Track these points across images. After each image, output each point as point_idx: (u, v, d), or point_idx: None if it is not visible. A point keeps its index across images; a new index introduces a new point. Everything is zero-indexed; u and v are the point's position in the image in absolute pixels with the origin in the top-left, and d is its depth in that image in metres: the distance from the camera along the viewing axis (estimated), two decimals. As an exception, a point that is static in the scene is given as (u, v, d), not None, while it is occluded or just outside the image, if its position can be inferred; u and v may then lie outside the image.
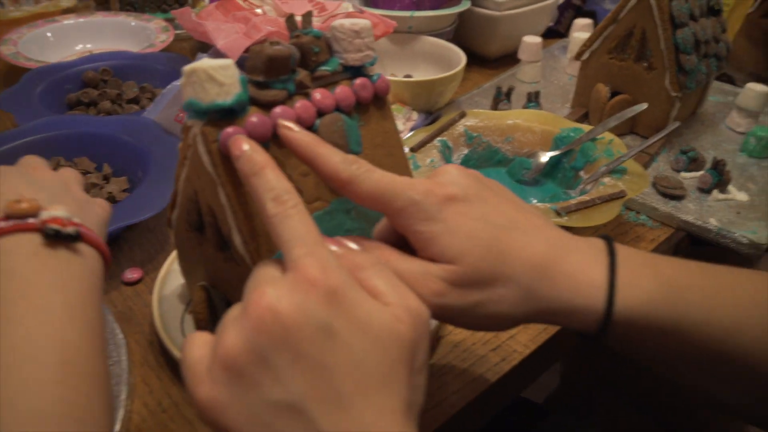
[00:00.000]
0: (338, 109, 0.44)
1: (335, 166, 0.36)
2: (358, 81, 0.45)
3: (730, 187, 0.72)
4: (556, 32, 1.20)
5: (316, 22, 0.80)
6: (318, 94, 0.42)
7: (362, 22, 0.45)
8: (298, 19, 0.45)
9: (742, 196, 0.71)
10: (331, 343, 0.28)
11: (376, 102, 0.47)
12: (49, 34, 1.02)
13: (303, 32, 0.44)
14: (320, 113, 0.43)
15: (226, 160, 0.38)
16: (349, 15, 0.80)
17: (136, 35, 1.04)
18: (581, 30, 1.02)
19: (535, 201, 0.69)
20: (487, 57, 1.06)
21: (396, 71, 0.92)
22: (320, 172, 0.36)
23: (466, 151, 0.72)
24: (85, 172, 0.65)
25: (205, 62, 0.37)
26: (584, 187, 0.65)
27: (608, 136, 0.69)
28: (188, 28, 0.86)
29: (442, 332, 0.52)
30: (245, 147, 0.35)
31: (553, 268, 0.36)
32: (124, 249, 0.62)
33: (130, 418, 0.45)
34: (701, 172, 0.73)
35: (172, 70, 0.87)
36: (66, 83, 0.83)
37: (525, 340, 0.51)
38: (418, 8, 0.93)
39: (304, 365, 0.28)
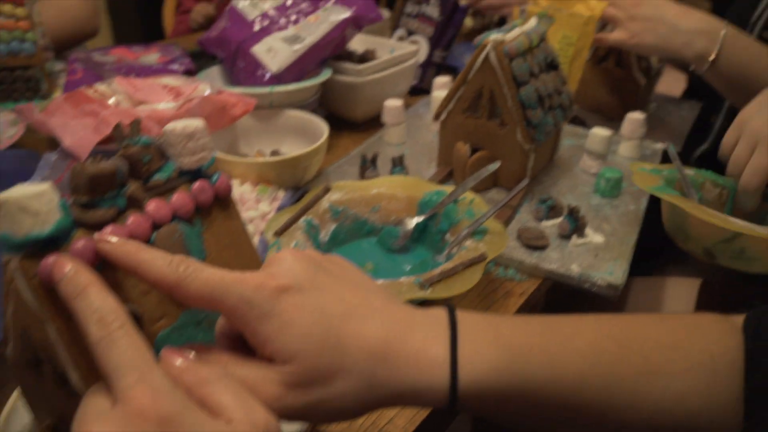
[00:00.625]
0: (177, 217, 0.42)
1: (160, 271, 0.35)
2: (197, 185, 0.44)
3: (588, 230, 0.76)
4: (421, 90, 1.24)
5: (173, 108, 0.78)
6: (152, 206, 0.41)
7: (194, 124, 0.44)
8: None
9: (598, 238, 0.75)
10: None
11: (219, 203, 0.45)
12: None
13: (131, 141, 0.43)
14: (156, 225, 0.41)
15: (51, 293, 0.35)
16: (204, 99, 0.78)
17: (-18, 132, 0.97)
18: (441, 88, 1.06)
19: (408, 267, 0.70)
20: (355, 121, 1.07)
21: (263, 147, 0.92)
22: (147, 279, 0.35)
23: (333, 226, 0.72)
24: None
25: (16, 191, 0.34)
26: (450, 252, 0.66)
27: (469, 195, 0.71)
28: (34, 124, 0.82)
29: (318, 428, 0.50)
30: (68, 269, 0.33)
31: (393, 353, 0.36)
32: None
33: None
34: (561, 219, 0.76)
35: (20, 169, 0.82)
36: None
37: (403, 423, 0.50)
38: (279, 82, 0.93)
39: None
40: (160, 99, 0.80)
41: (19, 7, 1.06)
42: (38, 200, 0.35)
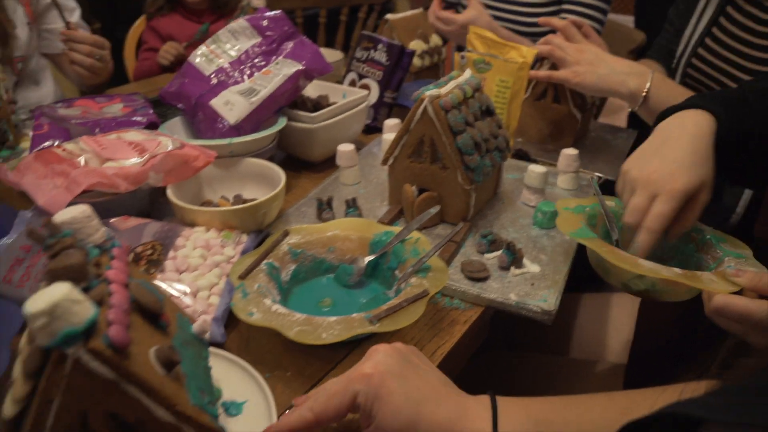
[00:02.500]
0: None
1: (298, 420, 0.52)
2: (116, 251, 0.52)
3: (525, 261, 0.83)
4: (375, 128, 1.32)
5: (138, 165, 0.84)
6: (111, 273, 0.47)
7: (80, 209, 0.50)
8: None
9: (534, 268, 0.82)
10: None
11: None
12: None
13: (55, 237, 0.48)
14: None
15: (122, 355, 0.41)
16: (167, 155, 0.84)
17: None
18: (391, 130, 1.14)
19: (363, 300, 0.77)
20: (313, 162, 1.14)
21: (226, 192, 0.98)
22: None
23: (294, 267, 0.78)
24: None
25: (54, 291, 0.39)
26: (399, 287, 0.73)
27: (415, 235, 0.79)
28: (7, 183, 0.87)
29: None
30: None
31: (456, 428, 0.50)
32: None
33: None
34: (501, 251, 0.84)
35: (-6, 224, 0.87)
36: None
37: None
38: (238, 132, 1.00)
39: None
40: (125, 156, 0.85)
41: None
42: (76, 290, 0.40)
